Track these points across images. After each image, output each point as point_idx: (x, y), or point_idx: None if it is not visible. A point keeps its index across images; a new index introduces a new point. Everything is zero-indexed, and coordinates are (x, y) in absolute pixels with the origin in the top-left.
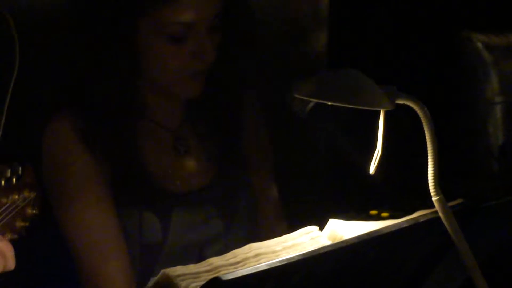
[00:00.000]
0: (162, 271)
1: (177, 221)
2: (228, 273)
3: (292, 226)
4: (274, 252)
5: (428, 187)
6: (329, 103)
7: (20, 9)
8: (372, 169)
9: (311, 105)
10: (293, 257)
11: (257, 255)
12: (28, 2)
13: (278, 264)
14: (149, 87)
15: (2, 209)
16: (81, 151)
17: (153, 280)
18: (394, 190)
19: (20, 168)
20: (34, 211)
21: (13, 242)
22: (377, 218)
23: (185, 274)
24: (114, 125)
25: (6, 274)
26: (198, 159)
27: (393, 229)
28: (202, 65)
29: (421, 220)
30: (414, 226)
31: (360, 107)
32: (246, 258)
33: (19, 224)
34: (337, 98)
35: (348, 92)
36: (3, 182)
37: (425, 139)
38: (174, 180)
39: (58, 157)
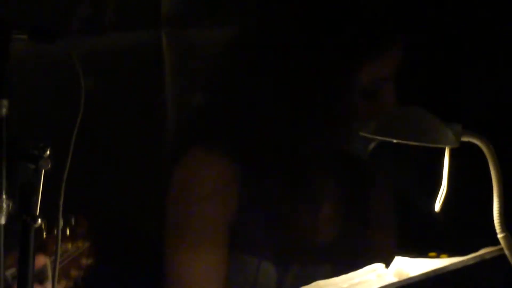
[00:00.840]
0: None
1: (294, 277)
2: None
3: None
4: None
5: (493, 225)
6: (394, 141)
7: None
8: (437, 207)
9: (372, 145)
10: None
11: None
12: None
13: None
14: None
15: (53, 258)
16: (219, 184)
17: None
18: (458, 229)
19: (73, 219)
20: (89, 261)
21: None
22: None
23: None
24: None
25: None
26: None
27: (459, 266)
28: None
29: (487, 257)
30: (479, 264)
31: (425, 145)
32: None
33: (74, 273)
34: (402, 135)
35: (413, 130)
36: (55, 232)
37: (490, 177)
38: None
39: (191, 186)
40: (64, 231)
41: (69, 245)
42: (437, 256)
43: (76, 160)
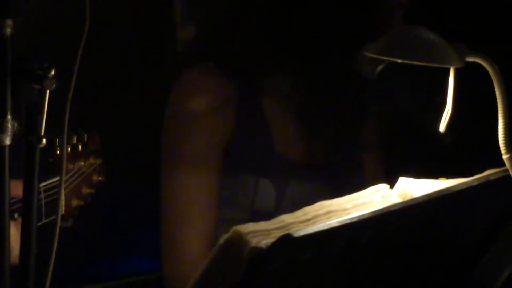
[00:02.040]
0: (233, 228)
1: (291, 193)
2: (299, 230)
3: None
4: (344, 209)
5: (498, 145)
6: (399, 61)
7: None
8: (442, 127)
9: (380, 66)
10: (363, 215)
11: (327, 212)
12: None
13: (349, 222)
14: None
15: (69, 175)
16: (209, 110)
17: (224, 237)
18: (463, 151)
19: (86, 135)
20: (100, 178)
21: (79, 208)
22: None
23: (256, 231)
24: (245, 85)
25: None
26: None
27: (463, 187)
28: None
29: (492, 179)
30: (484, 184)
31: (430, 65)
32: (317, 216)
33: (85, 190)
34: (407, 55)
35: (418, 50)
36: (69, 149)
37: (495, 98)
38: (296, 151)
39: (184, 112)
40: (76, 148)
41: (82, 163)
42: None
43: (86, 78)
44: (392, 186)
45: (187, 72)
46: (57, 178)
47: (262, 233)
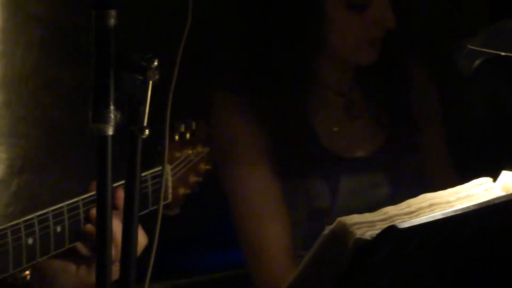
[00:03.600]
0: (338, 219)
1: (345, 186)
2: (403, 222)
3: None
4: (448, 202)
5: None
6: (503, 54)
7: None
8: None
9: (478, 61)
10: (468, 207)
11: (431, 205)
12: None
13: (453, 214)
14: (324, 53)
15: (176, 163)
16: (246, 120)
17: (328, 228)
18: None
19: (193, 124)
20: (207, 166)
21: (186, 197)
22: None
23: (360, 223)
24: (287, 91)
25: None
26: (369, 124)
27: None
28: (382, 32)
29: None
30: None
31: None
32: (420, 208)
33: (192, 179)
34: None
35: None
36: (176, 137)
37: None
38: (344, 145)
39: (224, 124)
40: (184, 136)
41: (189, 151)
42: None
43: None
44: (495, 180)
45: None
46: (165, 166)
47: (366, 224)
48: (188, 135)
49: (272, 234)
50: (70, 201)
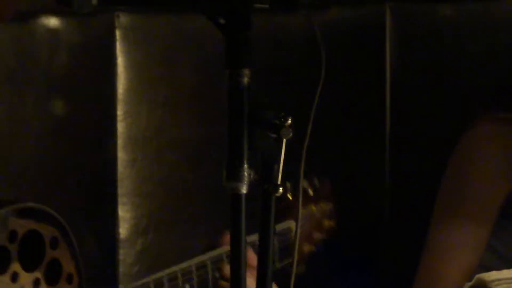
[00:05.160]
0: (477, 276)
1: None
2: None
3: None
4: None
5: None
6: None
7: None
8: None
9: None
10: None
11: None
12: None
13: None
14: None
15: (300, 219)
16: (495, 162)
17: (467, 285)
18: None
19: (317, 180)
20: (331, 223)
21: (310, 254)
22: None
23: (499, 279)
24: None
25: None
26: None
27: None
28: None
29: None
30: None
31: None
32: None
33: (317, 235)
34: None
35: None
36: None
37: None
38: None
39: (467, 162)
40: (307, 193)
41: (313, 207)
42: None
43: (318, 125)
44: None
45: (478, 120)
46: (289, 223)
47: (506, 281)
48: (311, 192)
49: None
50: (198, 259)
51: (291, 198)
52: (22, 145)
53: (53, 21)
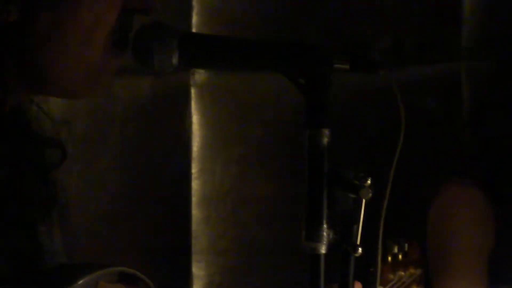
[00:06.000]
0: None
1: None
2: None
3: None
4: None
5: None
6: None
7: None
8: None
9: None
10: None
11: None
12: None
13: None
14: None
15: (389, 285)
16: (477, 219)
17: None
18: None
19: (406, 245)
20: None
21: None
22: None
23: None
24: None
25: None
26: None
27: None
28: None
29: None
30: None
31: None
32: None
33: None
34: None
35: None
36: (389, 258)
37: None
38: None
39: (450, 222)
40: (397, 258)
41: (402, 272)
42: None
43: (402, 186)
44: None
45: (446, 186)
46: None
47: None
48: (400, 256)
49: None
50: None
51: (380, 263)
52: (96, 204)
53: (129, 80)
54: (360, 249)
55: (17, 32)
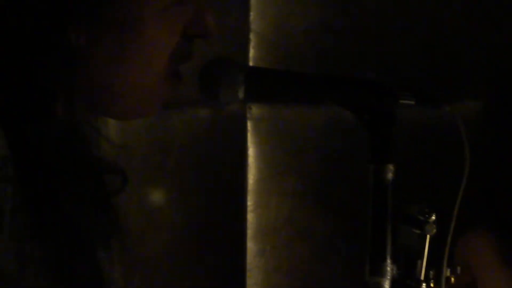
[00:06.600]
0: None
1: None
2: None
3: None
4: None
5: None
6: None
7: None
8: None
9: None
10: None
11: None
12: None
13: None
14: None
15: None
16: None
17: None
18: None
19: (459, 268)
20: None
21: None
22: None
23: None
24: None
25: None
26: None
27: None
28: None
29: None
30: None
31: None
32: None
33: None
34: None
35: None
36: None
37: None
38: None
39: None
40: (449, 280)
41: None
42: None
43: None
44: None
45: (468, 234)
46: None
47: None
48: (453, 279)
49: None
50: None
51: (433, 286)
52: (155, 236)
53: (187, 112)
54: (424, 285)
55: (84, 54)
